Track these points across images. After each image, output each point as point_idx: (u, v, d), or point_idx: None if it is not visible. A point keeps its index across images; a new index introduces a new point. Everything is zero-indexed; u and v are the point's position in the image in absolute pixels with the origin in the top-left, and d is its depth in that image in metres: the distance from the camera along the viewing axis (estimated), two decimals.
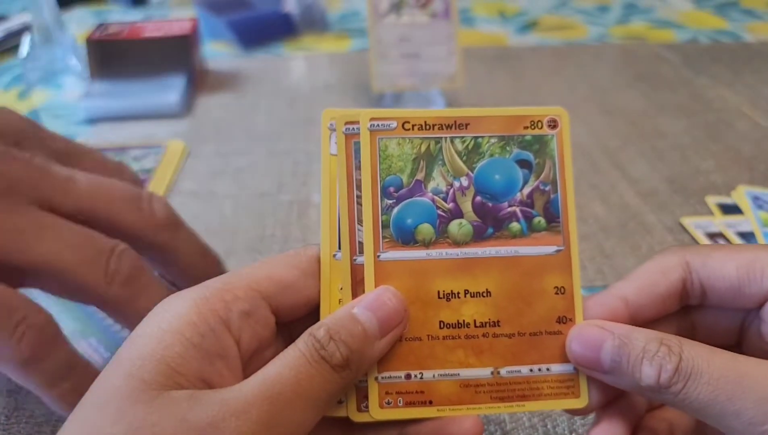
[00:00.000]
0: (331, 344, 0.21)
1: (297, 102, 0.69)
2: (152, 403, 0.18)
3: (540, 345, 0.24)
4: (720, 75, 0.75)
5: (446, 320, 0.23)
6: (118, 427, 0.18)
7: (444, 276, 0.23)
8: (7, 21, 0.88)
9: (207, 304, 0.21)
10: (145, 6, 1.01)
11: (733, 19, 0.95)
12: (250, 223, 0.49)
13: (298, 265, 0.23)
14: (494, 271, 0.24)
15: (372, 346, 0.22)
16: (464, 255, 0.24)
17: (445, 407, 0.23)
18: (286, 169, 0.56)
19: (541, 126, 0.25)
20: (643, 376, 0.21)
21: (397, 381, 0.23)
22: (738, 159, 0.57)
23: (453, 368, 0.23)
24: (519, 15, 0.98)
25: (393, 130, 0.24)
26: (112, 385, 0.19)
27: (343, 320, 0.22)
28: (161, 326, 0.20)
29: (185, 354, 0.20)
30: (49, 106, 0.69)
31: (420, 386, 0.23)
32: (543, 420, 0.33)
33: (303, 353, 0.21)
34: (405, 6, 0.62)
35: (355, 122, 0.24)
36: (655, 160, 0.57)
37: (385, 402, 0.23)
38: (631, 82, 0.73)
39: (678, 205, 0.50)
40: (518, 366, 0.23)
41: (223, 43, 0.86)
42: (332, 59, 0.81)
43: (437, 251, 0.23)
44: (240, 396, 0.19)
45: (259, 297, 0.22)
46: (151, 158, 0.56)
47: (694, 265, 0.24)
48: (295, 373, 0.20)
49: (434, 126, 0.24)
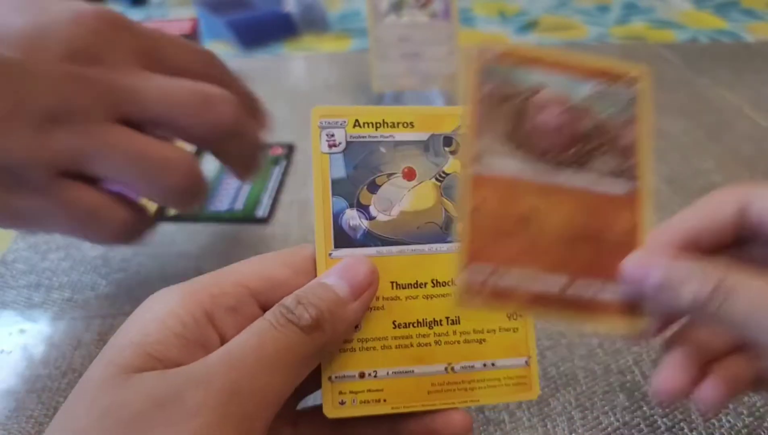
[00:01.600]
0: (299, 308, 0.21)
1: (297, 102, 0.69)
2: (123, 385, 0.19)
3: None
4: (720, 75, 0.75)
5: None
6: (92, 413, 0.18)
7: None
8: None
9: (194, 296, 0.21)
10: (145, 6, 1.01)
11: (733, 19, 0.95)
12: (250, 223, 0.49)
13: (292, 264, 0.23)
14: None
15: (344, 308, 0.22)
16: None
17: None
18: (286, 169, 0.56)
19: None
20: (684, 294, 0.21)
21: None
22: (738, 159, 0.57)
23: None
24: (519, 15, 0.98)
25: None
26: (92, 375, 0.19)
27: (312, 287, 0.22)
28: (146, 316, 0.21)
29: (165, 341, 0.20)
30: None
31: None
32: (543, 420, 0.33)
33: (269, 321, 0.21)
34: (405, 6, 0.62)
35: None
36: (655, 160, 0.57)
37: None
38: None
39: (678, 205, 0.50)
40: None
41: (223, 43, 0.86)
42: (332, 59, 0.81)
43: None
44: (203, 367, 0.19)
45: (248, 293, 0.22)
46: None
47: (751, 198, 0.24)
48: (258, 339, 0.20)
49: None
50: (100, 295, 0.41)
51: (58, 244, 0.46)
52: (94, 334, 0.38)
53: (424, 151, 0.24)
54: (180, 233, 0.47)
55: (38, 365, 0.36)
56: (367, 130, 0.24)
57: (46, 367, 0.36)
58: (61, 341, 0.38)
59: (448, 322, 0.24)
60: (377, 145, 0.24)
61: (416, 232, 0.24)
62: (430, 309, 0.24)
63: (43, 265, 0.44)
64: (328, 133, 0.24)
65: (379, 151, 0.24)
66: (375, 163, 0.24)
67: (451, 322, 0.24)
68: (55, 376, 0.35)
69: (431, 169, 0.24)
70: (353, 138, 0.24)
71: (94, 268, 0.44)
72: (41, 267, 0.44)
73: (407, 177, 0.24)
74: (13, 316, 0.40)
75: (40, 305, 0.41)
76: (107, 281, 0.43)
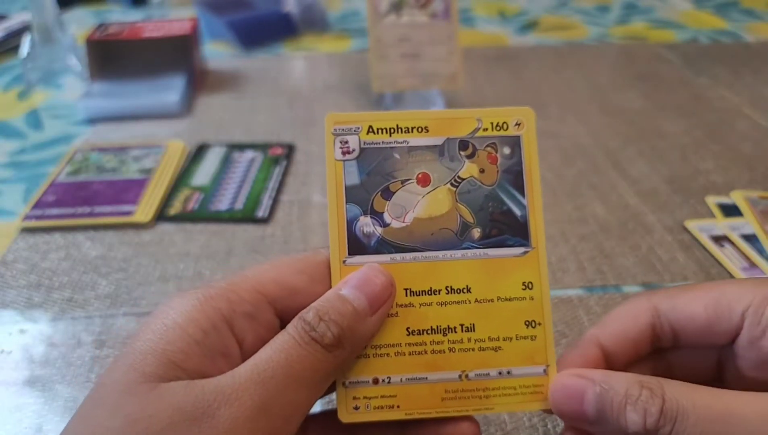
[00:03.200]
0: (321, 325, 0.21)
1: (297, 102, 0.69)
2: (149, 395, 0.19)
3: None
4: (720, 75, 0.75)
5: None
6: (115, 419, 0.18)
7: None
8: (7, 21, 0.88)
9: (211, 302, 0.21)
10: (145, 6, 1.01)
11: (733, 19, 0.95)
12: (250, 223, 0.49)
13: (306, 270, 0.23)
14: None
15: (363, 323, 0.22)
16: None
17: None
18: (286, 169, 0.56)
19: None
20: (629, 423, 0.20)
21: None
22: (738, 159, 0.57)
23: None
24: (519, 15, 0.98)
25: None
26: (112, 379, 0.19)
27: (332, 301, 0.22)
28: (165, 323, 0.20)
29: (187, 350, 0.20)
30: (49, 106, 0.69)
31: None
32: (543, 420, 0.33)
33: (293, 336, 0.21)
34: (405, 6, 0.62)
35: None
36: (655, 160, 0.57)
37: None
38: (631, 82, 0.73)
39: (678, 205, 0.50)
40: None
41: (223, 43, 0.86)
42: (332, 59, 0.81)
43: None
44: (233, 383, 0.19)
45: (264, 300, 0.22)
46: (151, 158, 0.56)
47: (663, 308, 0.24)
48: (285, 356, 0.20)
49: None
50: (100, 295, 0.41)
51: (58, 244, 0.46)
52: (94, 334, 0.38)
53: (438, 155, 0.24)
54: (180, 233, 0.47)
55: (38, 365, 0.36)
56: (381, 136, 0.24)
57: (46, 367, 0.36)
58: (61, 341, 0.38)
59: (463, 329, 0.24)
60: (391, 151, 0.24)
61: (430, 238, 0.24)
62: (444, 316, 0.23)
63: (43, 265, 0.44)
64: (342, 140, 0.24)
65: (393, 157, 0.24)
66: (389, 170, 0.24)
67: (465, 329, 0.24)
68: (55, 376, 0.35)
69: (446, 174, 0.24)
70: (367, 144, 0.24)
71: (94, 268, 0.44)
72: (41, 267, 0.44)
73: (421, 183, 0.24)
74: (13, 316, 0.40)
75: (40, 305, 0.41)
76: (107, 281, 0.43)
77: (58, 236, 0.47)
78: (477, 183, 0.24)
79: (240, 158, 0.57)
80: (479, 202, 0.24)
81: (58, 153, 0.59)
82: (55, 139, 0.62)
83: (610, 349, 0.24)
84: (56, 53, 0.74)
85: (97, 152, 0.57)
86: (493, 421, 0.33)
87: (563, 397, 0.22)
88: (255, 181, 0.54)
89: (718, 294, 0.23)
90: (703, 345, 0.24)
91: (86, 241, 0.46)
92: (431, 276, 0.24)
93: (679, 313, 0.23)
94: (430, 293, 0.24)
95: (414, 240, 0.24)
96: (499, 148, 0.24)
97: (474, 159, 0.24)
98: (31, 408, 0.33)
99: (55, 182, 0.53)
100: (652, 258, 0.45)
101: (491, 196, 0.24)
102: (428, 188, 0.24)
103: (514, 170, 0.24)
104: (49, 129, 0.64)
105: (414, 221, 0.24)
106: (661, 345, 0.25)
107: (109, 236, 0.47)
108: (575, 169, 0.56)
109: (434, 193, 0.24)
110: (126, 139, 0.60)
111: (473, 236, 0.24)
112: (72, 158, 0.56)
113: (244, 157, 0.57)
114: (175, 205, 0.50)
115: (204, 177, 0.54)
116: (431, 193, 0.24)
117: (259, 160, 0.57)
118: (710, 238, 0.46)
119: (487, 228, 0.24)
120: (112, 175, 0.54)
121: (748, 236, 0.46)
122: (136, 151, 0.57)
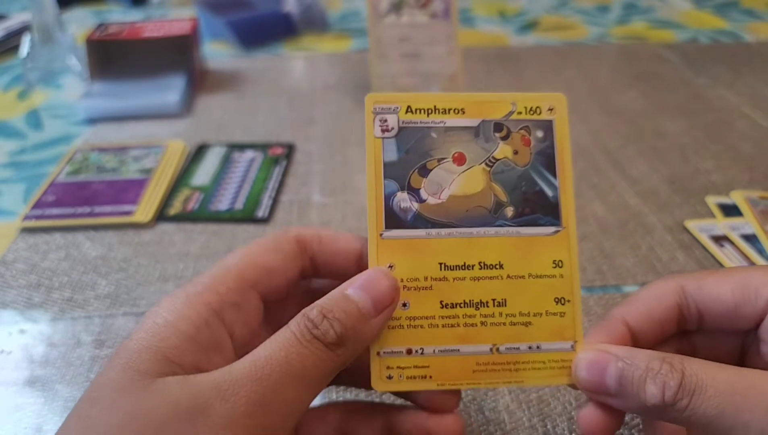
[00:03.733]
0: (324, 323, 0.21)
1: (297, 102, 0.69)
2: (146, 391, 0.19)
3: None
4: (720, 75, 0.75)
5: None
6: (114, 417, 0.18)
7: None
8: (7, 21, 0.88)
9: (199, 297, 0.21)
10: (145, 6, 1.01)
11: (733, 19, 0.95)
12: (250, 223, 0.49)
13: (281, 249, 0.24)
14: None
15: (367, 323, 0.22)
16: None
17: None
18: (286, 169, 0.56)
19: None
20: (648, 395, 0.21)
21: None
22: (738, 159, 0.57)
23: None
24: (519, 15, 0.98)
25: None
26: (107, 378, 0.19)
27: (336, 299, 0.22)
28: (156, 322, 0.21)
29: (181, 345, 0.20)
30: (49, 106, 0.69)
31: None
32: (543, 420, 0.33)
33: (294, 333, 0.21)
34: (405, 6, 0.62)
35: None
36: (655, 160, 0.57)
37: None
38: (631, 82, 0.73)
39: (678, 205, 0.50)
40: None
41: (223, 43, 0.86)
42: (332, 59, 0.81)
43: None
44: (230, 378, 0.19)
45: (248, 286, 0.23)
46: (151, 158, 0.56)
47: (690, 290, 0.24)
48: (285, 353, 0.20)
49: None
50: (100, 295, 0.41)
51: (58, 244, 0.46)
52: (94, 334, 0.38)
53: (474, 136, 0.25)
54: (180, 233, 0.47)
55: (38, 365, 0.36)
56: (419, 116, 0.25)
57: (46, 367, 0.36)
58: (61, 341, 0.38)
59: (495, 303, 0.24)
60: (429, 131, 0.25)
61: (465, 215, 0.24)
62: (476, 290, 0.24)
63: (43, 265, 0.44)
64: (382, 119, 0.25)
65: (430, 136, 0.25)
66: (426, 148, 0.25)
67: (497, 304, 0.24)
68: (54, 376, 0.35)
69: (481, 155, 0.25)
70: (405, 123, 0.25)
71: (94, 268, 0.44)
72: (41, 267, 0.44)
73: (457, 162, 0.25)
74: (13, 316, 0.40)
75: (40, 305, 0.41)
76: (107, 281, 0.43)
77: (58, 236, 0.47)
78: (511, 164, 0.25)
79: (240, 158, 0.57)
80: (512, 182, 0.25)
81: (58, 153, 0.59)
82: (55, 139, 0.62)
83: (636, 328, 0.24)
84: (56, 53, 0.74)
85: (97, 152, 0.57)
86: (492, 420, 0.33)
87: (587, 370, 0.23)
88: (255, 181, 0.54)
89: (745, 278, 0.23)
90: (728, 328, 0.24)
91: (86, 241, 0.46)
92: (465, 251, 0.24)
93: (706, 294, 0.24)
94: (463, 268, 0.24)
95: (449, 216, 0.24)
96: (532, 131, 0.25)
97: (508, 141, 0.25)
98: (31, 408, 0.33)
99: (55, 182, 0.53)
100: (652, 258, 0.45)
101: (524, 176, 0.25)
102: (463, 167, 0.25)
103: (547, 153, 0.25)
104: (49, 129, 0.64)
105: (449, 198, 0.25)
106: (687, 327, 0.25)
107: (109, 236, 0.47)
108: (575, 168, 0.56)
109: (469, 172, 0.25)
110: (126, 139, 0.60)
111: (506, 214, 0.25)
112: (72, 158, 0.56)
113: (244, 157, 0.57)
114: (175, 205, 0.50)
115: (204, 177, 0.54)
116: (466, 172, 0.25)
117: (259, 160, 0.57)
118: (710, 238, 0.46)
119: (520, 207, 0.25)
120: (112, 175, 0.54)
121: (748, 236, 0.46)
122: (136, 151, 0.57)
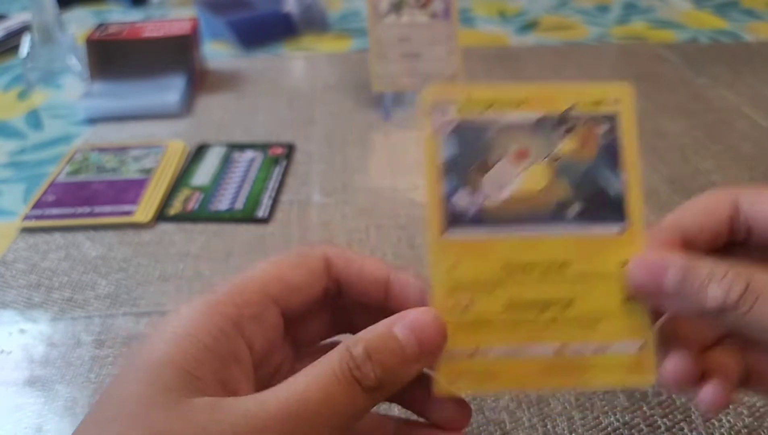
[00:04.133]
0: (367, 364, 0.20)
1: (297, 102, 0.69)
2: (173, 410, 0.18)
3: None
4: (720, 75, 0.75)
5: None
6: (136, 432, 0.18)
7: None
8: (7, 21, 0.88)
9: (218, 307, 0.21)
10: (145, 6, 1.01)
11: (733, 19, 0.95)
12: (250, 223, 0.49)
13: (306, 265, 0.23)
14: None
15: (407, 368, 0.21)
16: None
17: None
18: (286, 169, 0.56)
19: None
20: (709, 298, 0.20)
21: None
22: (738, 159, 0.57)
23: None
24: (519, 15, 0.98)
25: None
26: (130, 391, 0.19)
27: (384, 339, 0.21)
28: (176, 331, 0.20)
29: (201, 357, 0.20)
30: (49, 106, 0.69)
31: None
32: (543, 420, 0.33)
33: (335, 371, 0.20)
34: (405, 6, 0.62)
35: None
36: (655, 160, 0.57)
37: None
38: (631, 82, 0.73)
39: (678, 205, 0.50)
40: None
41: (223, 43, 0.86)
42: (332, 59, 0.81)
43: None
44: (263, 410, 0.19)
45: (270, 301, 0.22)
46: (151, 158, 0.56)
47: (743, 202, 0.23)
48: (323, 394, 0.19)
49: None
50: (100, 295, 0.41)
51: (58, 244, 0.46)
52: (94, 334, 0.38)
53: (536, 131, 0.23)
54: (180, 233, 0.47)
55: (38, 365, 0.36)
56: (478, 109, 0.24)
57: (46, 367, 0.36)
58: (61, 341, 0.38)
59: (561, 304, 0.23)
60: (487, 126, 0.23)
61: (527, 213, 0.23)
62: (541, 291, 0.23)
63: (43, 265, 0.44)
64: (439, 114, 0.23)
65: (489, 131, 0.23)
66: (486, 144, 0.23)
67: (563, 305, 0.23)
68: (54, 376, 0.35)
69: (543, 150, 0.23)
70: (464, 118, 0.24)
71: (94, 268, 0.44)
72: (41, 267, 0.44)
73: (519, 158, 0.23)
74: (13, 316, 0.40)
75: (40, 305, 0.41)
76: (107, 281, 0.43)
77: (58, 236, 0.47)
78: (574, 159, 0.23)
79: (240, 158, 0.57)
80: (576, 179, 0.23)
81: (58, 153, 0.59)
82: (55, 139, 0.62)
83: (689, 237, 0.23)
84: (56, 53, 0.74)
85: (97, 152, 0.57)
86: (492, 420, 0.33)
87: (644, 269, 0.22)
88: (255, 181, 0.54)
89: None
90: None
91: (86, 241, 0.46)
92: (528, 251, 0.23)
93: (758, 209, 0.23)
94: (528, 268, 0.23)
95: (511, 215, 0.23)
96: (597, 125, 0.24)
97: (571, 135, 0.24)
98: (31, 408, 0.33)
99: (55, 182, 0.53)
100: None
101: (588, 172, 0.23)
102: (525, 164, 0.23)
103: (612, 147, 0.24)
104: (49, 129, 0.64)
105: (511, 196, 0.23)
106: (735, 238, 0.24)
107: (109, 236, 0.47)
108: None
109: (531, 168, 0.23)
110: (126, 139, 0.60)
111: (570, 213, 0.23)
112: (72, 158, 0.56)
113: (244, 157, 0.57)
114: (175, 205, 0.50)
115: (204, 177, 0.54)
116: (528, 169, 0.23)
117: (259, 160, 0.57)
118: None
119: (584, 205, 0.23)
120: (112, 175, 0.54)
121: None
122: (136, 151, 0.57)
